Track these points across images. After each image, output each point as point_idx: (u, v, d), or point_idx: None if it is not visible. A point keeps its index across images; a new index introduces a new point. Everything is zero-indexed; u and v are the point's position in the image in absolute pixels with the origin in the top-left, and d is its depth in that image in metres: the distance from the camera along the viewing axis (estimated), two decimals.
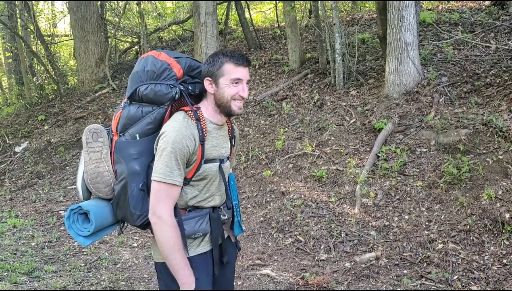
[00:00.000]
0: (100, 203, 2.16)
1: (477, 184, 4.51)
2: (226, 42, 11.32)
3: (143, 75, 2.07)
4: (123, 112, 2.12)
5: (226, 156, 2.23)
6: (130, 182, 2.06)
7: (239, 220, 2.36)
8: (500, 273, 3.71)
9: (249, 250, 4.83)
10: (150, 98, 2.04)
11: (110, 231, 2.29)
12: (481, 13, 8.01)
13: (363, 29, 9.32)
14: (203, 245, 2.16)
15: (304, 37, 10.28)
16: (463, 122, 5.20)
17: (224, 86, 2.05)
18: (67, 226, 2.10)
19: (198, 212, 2.12)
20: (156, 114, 2.06)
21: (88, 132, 2.12)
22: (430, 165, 5.03)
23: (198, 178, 2.09)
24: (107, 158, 2.13)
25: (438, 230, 4.31)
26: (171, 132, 1.98)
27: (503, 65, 6.09)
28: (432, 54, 6.88)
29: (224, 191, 2.23)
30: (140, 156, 2.07)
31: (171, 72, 2.06)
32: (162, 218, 1.97)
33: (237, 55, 2.06)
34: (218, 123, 2.16)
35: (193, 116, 2.06)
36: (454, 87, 5.98)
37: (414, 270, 4.00)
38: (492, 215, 4.14)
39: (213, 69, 2.06)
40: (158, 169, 1.98)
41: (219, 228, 2.20)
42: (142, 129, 2.07)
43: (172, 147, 1.96)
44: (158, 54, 2.10)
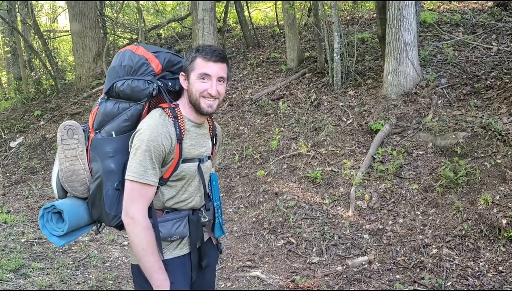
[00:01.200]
0: (76, 202, 2.07)
1: (474, 188, 4.41)
2: (225, 40, 11.21)
3: (120, 71, 1.99)
4: (100, 108, 2.04)
5: (207, 155, 2.14)
6: (106, 181, 1.98)
7: (221, 222, 2.27)
8: (496, 280, 3.60)
9: (240, 251, 4.73)
10: (127, 94, 1.97)
11: (87, 231, 2.21)
12: (483, 14, 7.89)
13: (363, 28, 9.21)
14: (181, 248, 2.06)
15: (303, 36, 10.17)
16: (462, 125, 5.09)
17: (194, 81, 1.96)
18: (41, 225, 2.02)
19: (176, 214, 2.03)
20: (133, 111, 1.99)
21: (63, 129, 2.04)
22: (426, 167, 4.93)
23: (175, 178, 2.00)
24: (83, 156, 2.05)
25: (433, 235, 4.21)
26: (146, 129, 1.90)
27: (504, 67, 5.98)
28: (432, 55, 6.77)
29: (203, 193, 2.13)
30: (116, 154, 1.99)
31: (148, 67, 1.98)
32: (135, 219, 1.88)
33: (208, 50, 1.97)
34: (196, 122, 2.07)
35: (171, 113, 1.97)
36: (453, 89, 5.87)
37: (407, 275, 3.90)
38: (489, 221, 4.04)
39: (186, 64, 1.99)
40: (132, 168, 1.90)
41: (198, 231, 2.11)
42: (118, 127, 1.99)
43: (147, 145, 1.87)
44: (136, 49, 2.02)
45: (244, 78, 8.82)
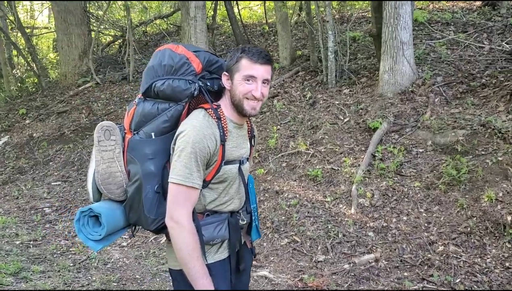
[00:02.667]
0: (112, 205, 2.03)
1: (477, 185, 4.47)
2: (214, 37, 11.14)
3: (160, 70, 1.94)
4: (138, 108, 1.99)
5: (246, 157, 2.11)
6: (145, 184, 1.93)
7: (257, 225, 2.24)
8: (503, 276, 3.66)
9: None
10: (167, 94, 1.91)
11: (122, 234, 2.17)
12: (473, 14, 8.03)
13: (354, 27, 9.26)
14: (221, 251, 2.04)
15: (294, 34, 10.17)
16: (460, 122, 5.16)
17: (238, 83, 1.92)
18: (77, 229, 1.96)
19: (217, 216, 1.99)
20: (173, 111, 1.93)
21: (100, 130, 1.99)
22: (427, 165, 4.98)
23: (217, 180, 1.96)
24: (120, 158, 2.00)
25: (438, 232, 4.25)
26: (191, 131, 1.85)
27: (498, 66, 6.09)
28: (425, 54, 6.85)
29: (243, 194, 2.10)
30: (156, 156, 1.94)
31: (190, 67, 1.93)
32: (180, 223, 1.83)
33: (254, 51, 1.92)
34: (238, 123, 2.03)
35: (214, 114, 1.93)
36: (449, 87, 5.95)
37: (415, 272, 3.93)
38: (493, 217, 4.10)
39: (231, 64, 1.94)
40: (177, 171, 1.84)
41: (238, 234, 2.08)
42: (158, 128, 1.94)
43: (193, 147, 1.83)
44: (176, 48, 1.97)
45: None
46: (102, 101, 9.56)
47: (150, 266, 4.57)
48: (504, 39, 6.83)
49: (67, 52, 11.02)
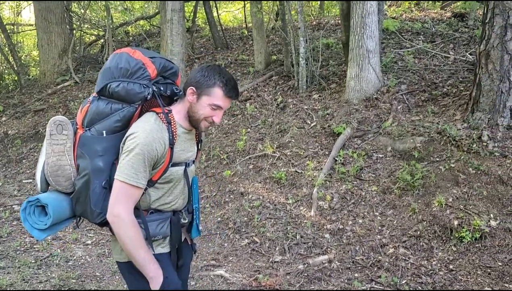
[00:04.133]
0: (59, 196, 2.11)
1: (429, 191, 4.64)
2: (193, 40, 11.24)
3: (116, 72, 2.02)
4: (91, 106, 2.06)
5: (192, 160, 2.23)
6: (93, 179, 2.01)
7: (198, 223, 2.36)
8: (446, 278, 3.82)
9: (204, 250, 4.81)
10: (121, 95, 2.00)
11: (66, 225, 2.25)
12: (442, 24, 8.25)
13: (328, 34, 9.44)
14: (163, 246, 2.16)
15: (271, 39, 10.33)
16: (419, 130, 5.34)
17: (203, 105, 2.05)
18: (23, 218, 2.05)
19: (161, 214, 2.11)
20: (126, 112, 2.02)
21: (52, 124, 2.06)
22: (385, 170, 5.14)
23: (163, 180, 2.08)
24: (70, 152, 2.08)
25: (390, 235, 4.41)
26: (142, 133, 1.95)
27: (460, 76, 6.29)
28: (393, 62, 7.04)
29: (187, 195, 2.23)
30: (105, 153, 2.03)
31: (145, 72, 2.02)
32: (120, 217, 1.94)
33: (231, 86, 2.05)
34: (187, 128, 2.15)
35: (164, 119, 2.03)
36: (412, 95, 6.13)
37: (365, 273, 4.07)
38: (442, 222, 4.26)
39: (203, 84, 2.05)
40: (123, 169, 1.95)
41: (178, 232, 2.21)
42: (109, 126, 2.02)
43: (141, 149, 1.93)
44: (133, 52, 2.06)
45: None
46: (79, 100, 9.58)
47: (111, 264, 4.65)
48: (469, 50, 7.05)
49: (47, 50, 11.02)
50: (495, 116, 4.90)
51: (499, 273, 3.73)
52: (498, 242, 3.95)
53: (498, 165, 4.56)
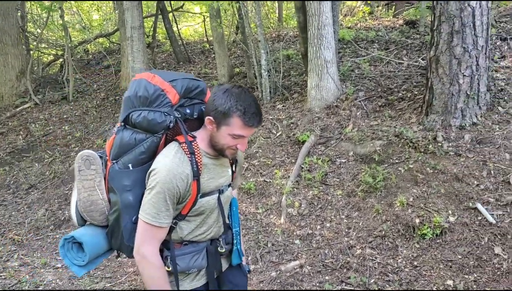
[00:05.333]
0: (95, 231, 2.08)
1: (391, 191, 4.85)
2: (154, 55, 11.27)
3: (136, 101, 1.94)
4: (116, 138, 1.99)
5: (226, 185, 2.12)
6: (124, 214, 1.96)
7: (239, 249, 2.25)
8: (412, 274, 4.01)
9: None
10: (143, 126, 1.91)
11: (107, 257, 2.24)
12: (395, 32, 8.62)
13: (288, 45, 9.68)
14: (198, 279, 2.09)
15: (232, 52, 10.49)
16: (378, 134, 5.57)
17: (224, 135, 1.91)
18: (62, 255, 2.03)
19: (195, 246, 2.04)
20: (150, 143, 1.93)
21: (80, 160, 2.02)
22: (349, 174, 5.34)
23: (194, 213, 2.00)
24: (101, 186, 2.03)
25: (357, 236, 4.58)
26: (161, 171, 1.87)
27: (414, 80, 6.60)
28: (350, 70, 7.31)
29: (222, 222, 2.13)
30: (134, 187, 1.95)
31: (165, 98, 1.90)
32: (146, 258, 1.90)
33: (251, 113, 1.87)
34: (214, 155, 2.03)
35: (187, 149, 1.91)
36: (370, 101, 6.39)
37: (335, 275, 4.22)
38: (405, 221, 4.47)
39: (220, 113, 1.88)
40: (145, 208, 1.89)
41: (216, 262, 2.13)
42: (135, 159, 1.94)
43: (161, 187, 1.85)
44: (152, 77, 1.95)
45: None
46: (41, 122, 9.45)
47: (84, 286, 4.64)
48: (421, 55, 7.40)
49: (3, 72, 10.81)
50: (448, 117, 5.18)
51: (459, 266, 3.96)
52: (457, 237, 4.18)
53: (453, 163, 4.82)
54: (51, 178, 7.32)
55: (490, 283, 3.76)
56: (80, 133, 8.55)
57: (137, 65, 8.29)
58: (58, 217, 6.23)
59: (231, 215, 2.22)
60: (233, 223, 2.22)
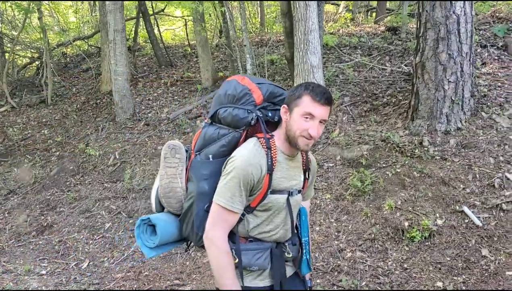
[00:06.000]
0: (170, 218, 2.19)
1: (379, 195, 4.92)
2: (136, 59, 11.16)
3: (224, 99, 2.09)
4: (202, 132, 2.14)
5: (297, 189, 2.15)
6: (198, 201, 2.05)
7: (308, 259, 2.24)
8: (402, 277, 4.07)
9: (166, 270, 4.80)
10: (227, 121, 2.05)
11: (176, 246, 2.32)
12: (377, 38, 8.76)
13: (272, 50, 9.73)
14: (261, 279, 2.09)
15: (216, 56, 10.48)
16: (365, 138, 5.65)
17: (296, 118, 1.96)
18: (136, 235, 2.14)
19: (259, 244, 2.06)
20: (231, 137, 2.05)
21: (167, 148, 2.18)
22: (337, 178, 5.39)
23: (262, 208, 2.04)
24: (182, 175, 2.15)
25: (347, 240, 4.62)
26: (239, 157, 1.95)
27: (398, 86, 6.72)
28: (335, 76, 7.39)
29: (290, 226, 2.14)
30: (211, 177, 2.04)
31: (250, 97, 2.04)
32: (214, 242, 1.95)
33: (318, 91, 1.95)
34: (289, 154, 2.09)
35: (265, 144, 2.00)
36: (355, 106, 6.47)
37: (327, 279, 4.24)
38: (393, 224, 4.53)
39: (292, 98, 1.99)
40: (220, 192, 1.96)
41: (281, 266, 2.12)
42: (216, 151, 2.06)
43: (237, 172, 1.92)
44: (242, 79, 2.10)
45: (159, 97, 8.88)
46: (19, 126, 9.24)
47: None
48: (403, 62, 7.54)
49: None
50: (434, 122, 5.29)
51: (448, 268, 4.03)
52: (445, 239, 4.27)
53: (439, 167, 4.92)
54: (31, 183, 7.15)
55: (478, 284, 3.84)
56: (61, 138, 8.38)
57: (120, 69, 8.20)
58: (40, 222, 6.08)
59: (301, 224, 2.25)
60: (302, 232, 2.25)
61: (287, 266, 2.19)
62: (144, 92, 9.39)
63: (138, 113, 8.43)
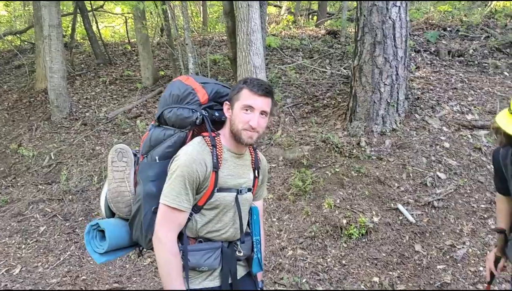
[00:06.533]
0: (120, 223, 2.16)
1: (319, 194, 5.04)
2: (73, 56, 10.74)
3: (169, 99, 2.08)
4: (149, 134, 2.13)
5: (246, 187, 2.15)
6: (145, 203, 2.03)
7: (259, 258, 2.26)
8: (341, 273, 4.19)
9: (105, 274, 4.66)
10: (172, 121, 2.05)
11: (128, 252, 2.28)
12: (318, 41, 8.97)
13: (215, 50, 9.71)
14: (211, 279, 2.08)
15: (157, 54, 10.30)
16: (306, 139, 5.77)
17: (237, 112, 2.00)
18: (86, 241, 2.11)
19: (209, 244, 2.05)
20: (177, 138, 2.05)
21: (114, 151, 2.16)
22: (279, 178, 5.46)
23: (210, 206, 2.04)
24: (130, 178, 2.14)
25: (288, 238, 4.70)
26: (183, 155, 1.96)
27: (337, 88, 6.92)
28: (277, 77, 7.49)
29: (239, 224, 2.13)
30: (158, 178, 2.03)
31: (194, 96, 2.05)
32: (162, 242, 1.92)
33: (255, 83, 2.00)
34: (236, 152, 2.10)
35: (210, 142, 2.01)
36: (297, 108, 6.60)
37: (268, 277, 4.29)
38: (333, 222, 4.66)
39: (232, 94, 2.04)
40: (166, 192, 1.95)
41: (232, 265, 2.12)
42: (162, 152, 2.06)
43: (181, 170, 1.92)
44: (186, 79, 2.12)
45: (97, 96, 8.60)
46: None
47: None
48: (343, 65, 7.78)
49: None
50: (370, 124, 5.50)
51: (384, 263, 4.20)
52: (381, 236, 4.44)
53: (376, 167, 5.12)
54: None
55: (412, 278, 4.03)
56: None
57: (55, 66, 7.86)
58: None
59: (252, 222, 2.25)
60: (253, 231, 2.25)
61: (239, 266, 2.21)
62: (81, 91, 9.06)
63: (75, 112, 8.12)
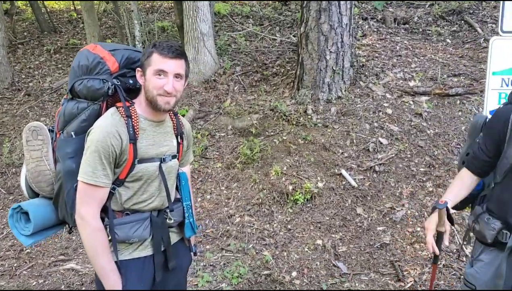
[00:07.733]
0: (44, 202, 2.10)
1: (267, 162, 5.11)
2: (14, 23, 10.21)
3: (78, 70, 1.99)
4: (61, 109, 2.03)
5: (170, 154, 2.10)
6: (66, 181, 1.97)
7: (191, 222, 2.24)
8: (286, 237, 4.32)
9: (51, 246, 4.61)
10: (84, 94, 1.96)
11: (56, 231, 2.24)
12: (269, 8, 8.90)
13: (163, 17, 9.47)
14: (141, 249, 2.05)
15: (104, 22, 9.94)
16: (255, 108, 5.79)
17: (150, 78, 1.93)
18: (11, 224, 2.07)
19: (136, 216, 2.01)
20: (91, 111, 1.97)
21: (27, 130, 2.06)
22: (228, 147, 5.49)
23: (132, 178, 1.98)
24: (48, 156, 2.06)
25: (236, 206, 4.77)
26: (96, 130, 1.89)
27: (287, 56, 6.94)
28: (227, 45, 7.42)
29: (165, 193, 2.10)
30: (76, 154, 1.96)
31: (104, 66, 1.97)
32: (84, 220, 1.89)
33: (165, 45, 1.92)
34: (154, 120, 2.03)
35: (124, 113, 1.93)
36: (246, 76, 6.59)
37: (216, 244, 4.37)
38: (279, 188, 4.76)
39: (143, 60, 1.95)
40: (82, 168, 1.90)
41: (163, 233, 2.11)
42: (78, 127, 1.97)
43: (96, 146, 1.86)
44: (94, 48, 2.01)
45: (41, 65, 8.27)
46: None
47: None
48: (292, 32, 7.78)
49: None
50: (317, 92, 5.57)
51: (327, 226, 4.36)
52: (325, 200, 4.59)
53: (321, 134, 5.23)
54: None
55: (353, 240, 4.21)
56: None
57: None
58: None
59: (181, 188, 2.23)
60: (183, 196, 2.23)
61: (172, 233, 2.19)
62: (24, 60, 8.67)
63: (18, 82, 7.79)
